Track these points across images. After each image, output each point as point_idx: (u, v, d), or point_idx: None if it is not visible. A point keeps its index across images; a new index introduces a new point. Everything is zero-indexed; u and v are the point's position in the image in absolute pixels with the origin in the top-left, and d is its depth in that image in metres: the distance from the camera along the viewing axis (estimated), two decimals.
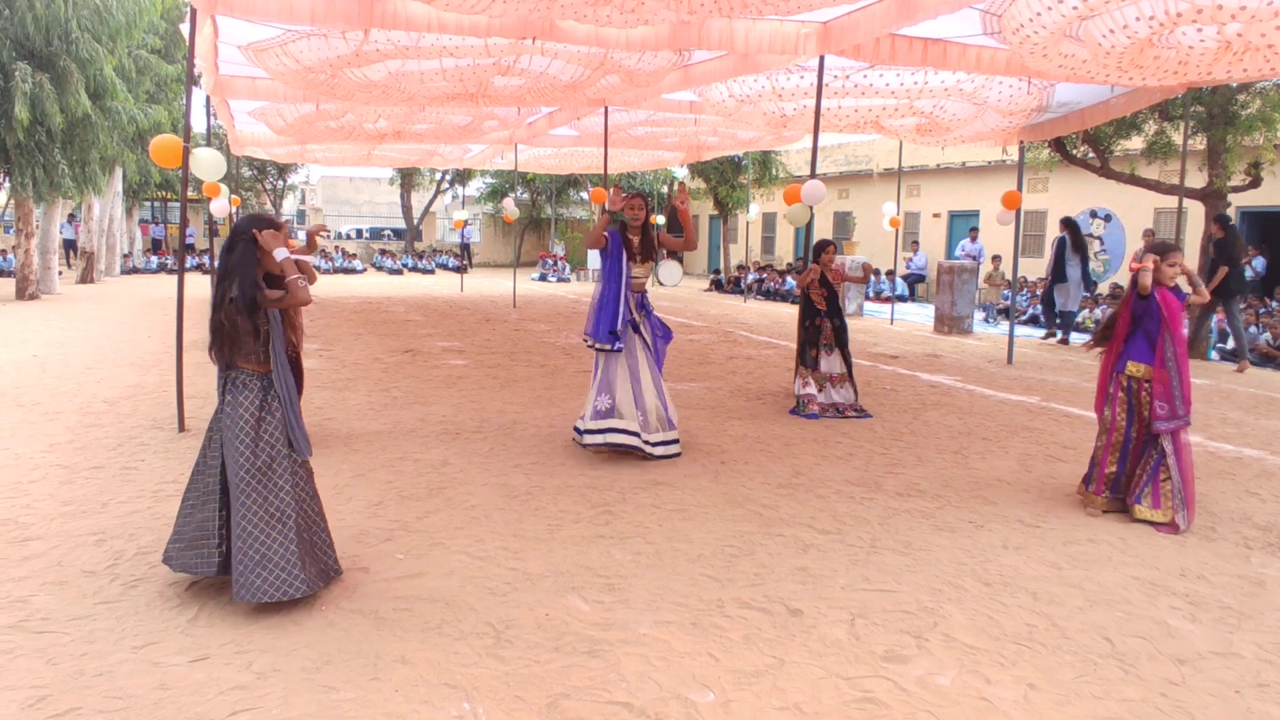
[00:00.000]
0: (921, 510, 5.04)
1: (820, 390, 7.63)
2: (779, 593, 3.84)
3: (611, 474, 5.66)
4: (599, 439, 5.98)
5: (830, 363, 7.65)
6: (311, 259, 4.05)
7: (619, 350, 5.95)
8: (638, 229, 6.12)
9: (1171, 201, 13.64)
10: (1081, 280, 13.49)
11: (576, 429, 6.27)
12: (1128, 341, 4.98)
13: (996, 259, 18.12)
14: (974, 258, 18.32)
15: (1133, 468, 4.99)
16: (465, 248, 34.91)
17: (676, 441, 6.16)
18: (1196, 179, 12.80)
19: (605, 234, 5.97)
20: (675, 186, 6.26)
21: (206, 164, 6.79)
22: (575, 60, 8.39)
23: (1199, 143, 12.16)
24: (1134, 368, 4.94)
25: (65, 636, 3.32)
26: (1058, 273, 13.52)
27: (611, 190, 5.97)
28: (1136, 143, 13.19)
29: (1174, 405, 4.82)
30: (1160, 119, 12.32)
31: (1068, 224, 13.70)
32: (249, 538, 3.46)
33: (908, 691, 3.02)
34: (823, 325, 7.67)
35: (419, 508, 4.92)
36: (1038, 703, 2.97)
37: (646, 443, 5.93)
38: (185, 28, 6.83)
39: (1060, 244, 13.59)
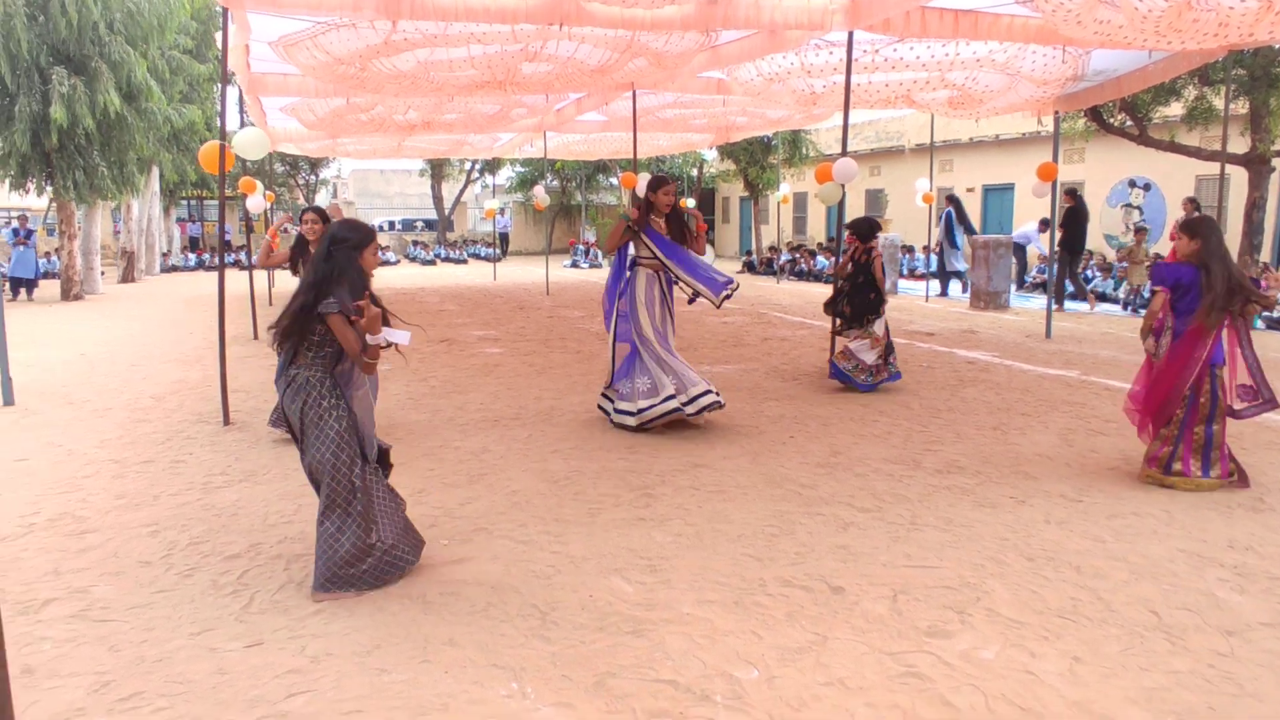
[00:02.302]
0: (961, 487, 5.02)
1: (847, 346, 7.67)
2: (820, 570, 3.85)
3: (650, 457, 5.69)
4: (653, 412, 6.15)
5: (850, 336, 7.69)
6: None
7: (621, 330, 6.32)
8: (664, 214, 6.19)
9: (1214, 168, 13.35)
10: (959, 246, 17.22)
11: (620, 411, 6.38)
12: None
13: (1141, 232, 15.05)
14: (1027, 239, 17.74)
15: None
16: (503, 236, 35.10)
17: (710, 391, 6.25)
18: (1239, 144, 12.49)
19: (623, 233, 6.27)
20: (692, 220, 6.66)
21: (250, 144, 6.88)
22: (602, 44, 8.38)
23: (1241, 107, 11.88)
24: None
25: (125, 625, 3.43)
26: (950, 240, 16.98)
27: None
28: (1176, 109, 12.93)
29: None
30: (1200, 84, 12.05)
31: (953, 200, 17.31)
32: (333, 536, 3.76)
33: (951, 665, 3.02)
34: (845, 291, 7.66)
35: (461, 494, 4.99)
36: (1083, 675, 2.96)
37: (686, 405, 6.15)
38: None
39: (948, 217, 16.88)
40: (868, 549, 4.10)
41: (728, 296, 5.99)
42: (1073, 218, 14.72)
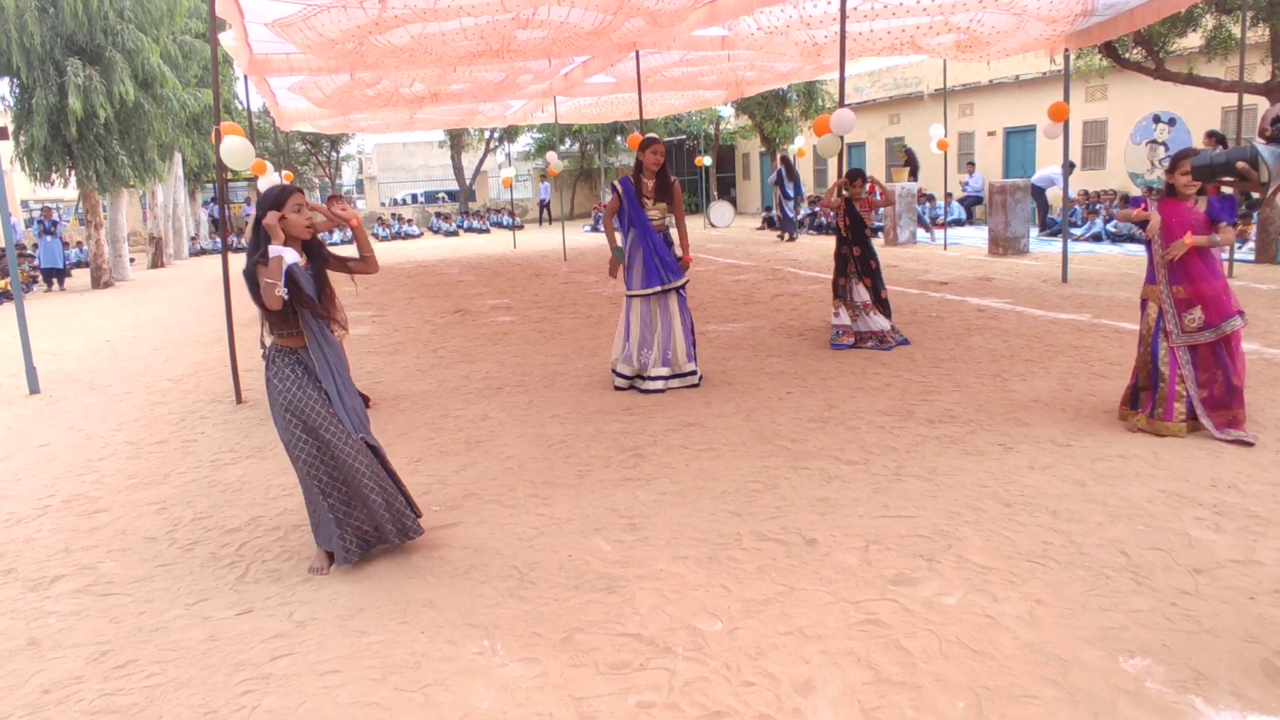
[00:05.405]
0: (951, 436, 5.04)
1: (854, 319, 7.59)
2: (797, 524, 3.92)
3: (645, 418, 5.77)
4: (654, 384, 6.44)
5: (859, 291, 7.59)
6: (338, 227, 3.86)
7: (658, 292, 6.40)
8: (653, 173, 6.23)
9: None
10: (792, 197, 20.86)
11: (618, 373, 6.56)
12: None
13: None
14: (1051, 182, 17.43)
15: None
16: (544, 204, 35.09)
17: (695, 373, 6.57)
18: (1261, 74, 12.11)
19: (618, 190, 6.31)
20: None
21: (235, 154, 6.98)
22: (594, 6, 8.33)
23: (1261, 34, 11.50)
24: None
25: (127, 597, 3.60)
26: (784, 194, 20.60)
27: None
28: (1194, 40, 12.54)
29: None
30: (1218, 12, 11.66)
31: (784, 160, 20.89)
32: (308, 504, 3.71)
33: (912, 612, 3.09)
34: (848, 253, 7.62)
35: (456, 461, 5.11)
36: (1042, 617, 3.01)
37: (668, 379, 6.46)
38: None
39: (779, 175, 20.61)
40: (848, 501, 4.16)
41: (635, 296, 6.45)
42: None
